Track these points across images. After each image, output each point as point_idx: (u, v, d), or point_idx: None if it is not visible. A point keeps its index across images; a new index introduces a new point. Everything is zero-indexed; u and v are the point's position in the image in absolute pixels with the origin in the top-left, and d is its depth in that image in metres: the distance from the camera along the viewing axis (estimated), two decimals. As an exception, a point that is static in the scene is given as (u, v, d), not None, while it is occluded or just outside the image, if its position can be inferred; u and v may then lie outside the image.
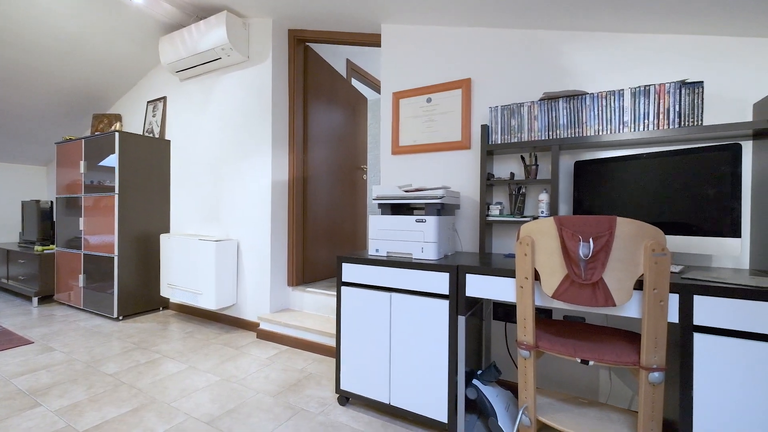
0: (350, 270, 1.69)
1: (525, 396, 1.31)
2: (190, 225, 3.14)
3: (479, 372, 1.64)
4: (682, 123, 1.42)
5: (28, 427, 1.50)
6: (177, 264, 2.85)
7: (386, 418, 1.62)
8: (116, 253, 2.88)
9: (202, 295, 2.68)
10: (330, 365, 2.16)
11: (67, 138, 3.31)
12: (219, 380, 1.94)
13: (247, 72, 2.75)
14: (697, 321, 1.08)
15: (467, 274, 1.42)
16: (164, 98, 3.34)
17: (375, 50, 4.10)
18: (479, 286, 1.40)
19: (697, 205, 1.30)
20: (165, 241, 2.96)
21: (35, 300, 3.35)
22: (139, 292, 3.05)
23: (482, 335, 1.80)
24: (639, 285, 1.12)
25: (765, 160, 1.36)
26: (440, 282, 1.47)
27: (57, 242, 3.41)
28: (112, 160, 2.92)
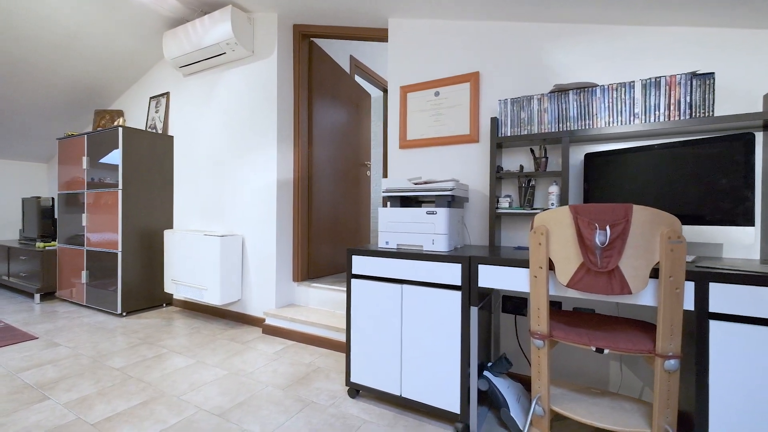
0: (360, 262, 1.69)
1: (538, 386, 1.32)
2: (194, 221, 3.13)
3: (490, 364, 1.64)
4: (693, 114, 1.43)
5: (37, 420, 1.49)
6: (181, 260, 2.84)
7: (397, 410, 1.62)
8: (120, 249, 2.87)
9: (207, 291, 2.67)
10: (338, 359, 2.16)
11: (69, 134, 3.29)
12: (227, 374, 1.93)
13: (252, 67, 2.74)
14: (713, 308, 1.08)
15: (479, 265, 1.42)
16: (167, 94, 3.33)
17: (378, 47, 4.10)
18: (492, 277, 1.40)
19: (710, 195, 1.31)
20: (169, 237, 2.95)
21: (37, 297, 3.33)
22: (143, 288, 3.04)
23: (491, 328, 1.80)
24: (654, 273, 1.12)
25: (776, 151, 1.37)
26: (453, 273, 1.47)
27: (59, 239, 3.38)
28: (115, 156, 2.90)
